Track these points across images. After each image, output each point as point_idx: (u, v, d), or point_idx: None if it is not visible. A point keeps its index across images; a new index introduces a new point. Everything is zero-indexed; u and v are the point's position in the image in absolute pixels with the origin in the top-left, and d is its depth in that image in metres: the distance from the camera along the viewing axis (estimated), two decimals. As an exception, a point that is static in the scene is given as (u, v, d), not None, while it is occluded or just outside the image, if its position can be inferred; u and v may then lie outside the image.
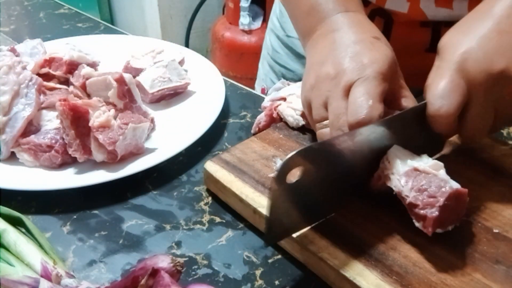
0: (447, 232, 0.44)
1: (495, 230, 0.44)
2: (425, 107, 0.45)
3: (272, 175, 0.43)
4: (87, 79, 0.61)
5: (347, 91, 0.46)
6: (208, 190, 0.54)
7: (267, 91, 0.89)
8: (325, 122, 0.48)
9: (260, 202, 0.47)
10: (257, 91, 0.93)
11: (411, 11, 0.65)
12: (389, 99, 0.48)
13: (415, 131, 0.47)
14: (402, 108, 0.48)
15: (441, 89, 0.44)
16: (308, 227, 0.44)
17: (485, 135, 0.49)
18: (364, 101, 0.44)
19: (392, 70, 0.47)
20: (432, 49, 0.68)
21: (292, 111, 0.58)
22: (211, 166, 0.52)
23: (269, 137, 0.57)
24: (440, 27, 0.66)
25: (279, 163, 0.42)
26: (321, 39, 0.52)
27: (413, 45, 0.66)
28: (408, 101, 0.48)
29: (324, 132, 0.48)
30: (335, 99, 0.46)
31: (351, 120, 0.44)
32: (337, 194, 0.45)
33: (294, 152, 0.38)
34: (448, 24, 0.65)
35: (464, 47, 0.45)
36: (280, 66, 0.84)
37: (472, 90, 0.44)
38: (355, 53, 0.47)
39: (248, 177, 0.50)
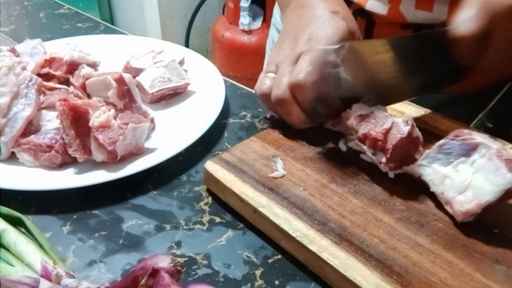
0: (448, 232, 0.44)
1: (495, 230, 0.44)
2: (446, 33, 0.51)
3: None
4: (87, 79, 0.61)
5: (296, 60, 0.54)
6: (208, 190, 0.54)
7: None
8: (271, 74, 0.57)
9: (260, 201, 0.47)
10: None
11: (391, 13, 0.66)
12: None
13: (434, 55, 0.53)
14: None
15: (468, 15, 0.50)
16: None
17: (506, 63, 0.54)
18: (304, 66, 0.52)
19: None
20: None
21: None
22: (211, 166, 0.52)
23: (269, 137, 0.57)
24: (421, 29, 0.67)
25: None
26: (291, 13, 0.61)
27: None
28: None
29: (265, 79, 0.57)
30: (285, 63, 0.55)
31: (290, 80, 0.53)
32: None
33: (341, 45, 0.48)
34: (428, 26, 0.67)
35: None
36: None
37: (494, 19, 0.50)
38: (311, 30, 0.56)
39: (248, 176, 0.50)
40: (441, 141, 0.47)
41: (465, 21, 0.50)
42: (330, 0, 0.59)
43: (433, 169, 0.47)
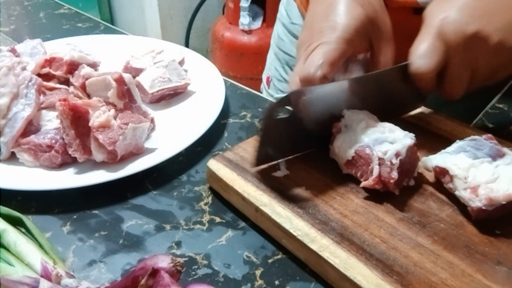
0: (449, 233, 0.44)
1: (497, 231, 0.44)
2: (404, 69, 0.52)
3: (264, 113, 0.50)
4: (86, 79, 0.61)
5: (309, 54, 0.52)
6: (209, 189, 0.54)
7: (271, 80, 0.90)
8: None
9: (262, 200, 0.47)
10: (263, 81, 0.93)
11: None
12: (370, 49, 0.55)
13: (399, 87, 0.54)
14: (379, 64, 0.54)
15: (422, 50, 0.50)
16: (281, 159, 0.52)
17: (462, 92, 0.53)
18: (315, 61, 0.50)
19: (361, 32, 0.53)
20: None
21: None
22: (214, 164, 0.52)
23: (271, 137, 0.57)
24: None
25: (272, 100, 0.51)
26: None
27: (406, 32, 0.67)
28: (386, 56, 0.54)
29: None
30: (300, 61, 0.53)
31: (300, 75, 0.51)
32: (306, 137, 0.52)
33: (281, 96, 0.47)
34: None
35: (443, 13, 0.50)
36: (284, 54, 0.85)
37: (450, 51, 0.50)
38: (326, 19, 0.53)
39: (250, 175, 0.50)
40: (475, 137, 0.48)
41: (420, 56, 0.50)
42: None
43: (459, 158, 0.47)
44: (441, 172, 0.47)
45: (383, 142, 0.47)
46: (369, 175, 0.47)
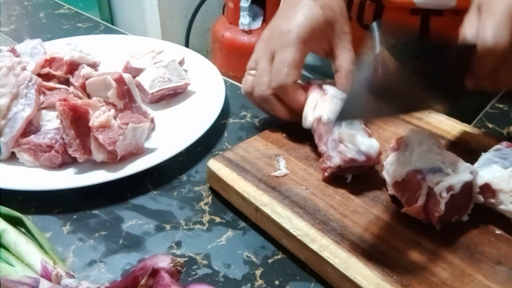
0: (449, 233, 0.44)
1: (497, 232, 0.44)
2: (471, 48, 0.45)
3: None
4: (87, 79, 0.61)
5: (271, 57, 0.56)
6: (210, 189, 0.54)
7: None
8: (252, 71, 0.59)
9: (262, 200, 0.47)
10: None
11: None
12: (329, 53, 0.58)
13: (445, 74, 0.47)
14: (340, 68, 0.57)
15: (493, 26, 0.45)
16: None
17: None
18: (280, 69, 0.54)
19: (317, 31, 0.56)
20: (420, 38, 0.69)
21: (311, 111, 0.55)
22: (214, 164, 0.52)
23: (272, 136, 0.57)
24: (429, 16, 0.67)
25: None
26: (281, 4, 0.61)
27: None
28: (345, 61, 0.57)
29: (248, 77, 0.59)
30: (262, 61, 0.57)
31: (272, 84, 0.55)
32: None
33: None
34: (437, 12, 0.66)
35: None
36: None
37: None
38: (284, 19, 0.57)
39: (250, 175, 0.50)
40: (497, 146, 0.47)
41: (495, 34, 0.45)
42: None
43: (495, 169, 0.45)
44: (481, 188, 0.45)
45: (439, 172, 0.43)
46: (414, 202, 0.43)
